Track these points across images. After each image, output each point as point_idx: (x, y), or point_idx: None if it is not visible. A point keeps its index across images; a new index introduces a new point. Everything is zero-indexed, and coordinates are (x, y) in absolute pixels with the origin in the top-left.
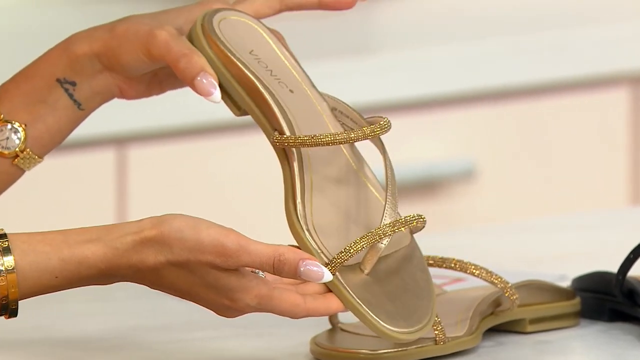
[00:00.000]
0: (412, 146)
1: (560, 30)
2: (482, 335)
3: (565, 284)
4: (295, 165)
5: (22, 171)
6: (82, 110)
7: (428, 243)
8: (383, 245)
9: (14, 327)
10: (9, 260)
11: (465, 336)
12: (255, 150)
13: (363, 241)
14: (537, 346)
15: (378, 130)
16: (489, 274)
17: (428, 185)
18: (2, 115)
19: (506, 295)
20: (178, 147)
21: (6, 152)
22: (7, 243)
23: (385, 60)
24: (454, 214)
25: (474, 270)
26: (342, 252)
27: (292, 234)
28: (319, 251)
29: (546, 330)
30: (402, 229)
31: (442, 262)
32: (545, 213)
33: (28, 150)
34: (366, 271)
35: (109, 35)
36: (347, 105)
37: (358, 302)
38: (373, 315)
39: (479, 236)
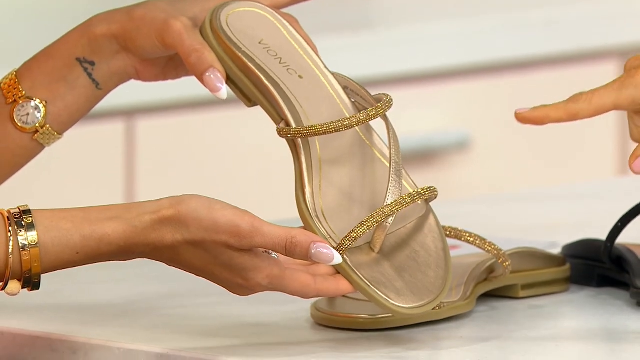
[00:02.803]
0: (408, 118)
1: (551, 7)
2: (476, 300)
3: (556, 251)
4: (302, 153)
5: (42, 146)
6: (100, 89)
7: None
8: (389, 224)
9: (26, 293)
10: (32, 236)
11: (460, 301)
12: (262, 122)
13: (365, 225)
14: (529, 311)
15: (380, 110)
16: (482, 242)
17: (424, 156)
18: (24, 92)
19: (499, 262)
20: (185, 118)
21: (27, 127)
22: (31, 219)
23: (383, 35)
24: (449, 184)
25: (469, 238)
26: (346, 236)
27: (302, 221)
28: (328, 237)
29: (538, 296)
30: (405, 206)
31: None
32: (537, 183)
33: (48, 126)
34: (376, 250)
35: (127, 18)
36: (357, 84)
37: (366, 283)
38: (381, 294)
39: (473, 205)
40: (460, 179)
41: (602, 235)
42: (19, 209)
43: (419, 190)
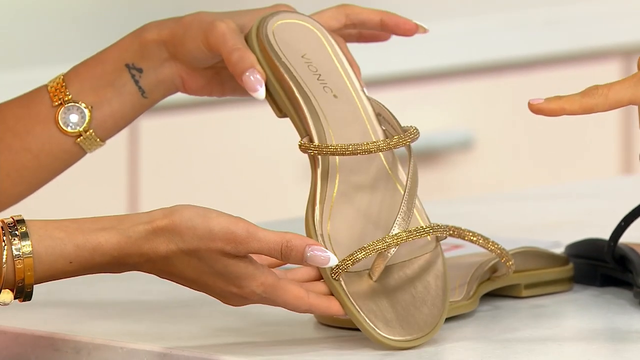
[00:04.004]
0: (412, 117)
1: (554, 6)
2: (479, 300)
3: (559, 250)
4: (319, 172)
5: (84, 152)
6: (146, 98)
7: (427, 211)
8: (390, 254)
9: None
10: (26, 245)
11: (463, 301)
12: (266, 123)
13: (365, 251)
14: (532, 310)
15: (402, 141)
16: (485, 241)
17: (427, 155)
18: (70, 96)
19: (502, 261)
20: (189, 118)
21: (71, 130)
22: (25, 228)
23: None
24: (452, 183)
25: (472, 237)
26: (344, 259)
27: (307, 236)
28: None
29: (541, 295)
30: (410, 240)
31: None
32: (540, 182)
33: (91, 131)
34: (374, 278)
35: (176, 23)
36: (389, 112)
37: (356, 309)
38: (369, 322)
39: (476, 204)
40: (464, 179)
41: (606, 235)
42: (13, 219)
43: (429, 226)
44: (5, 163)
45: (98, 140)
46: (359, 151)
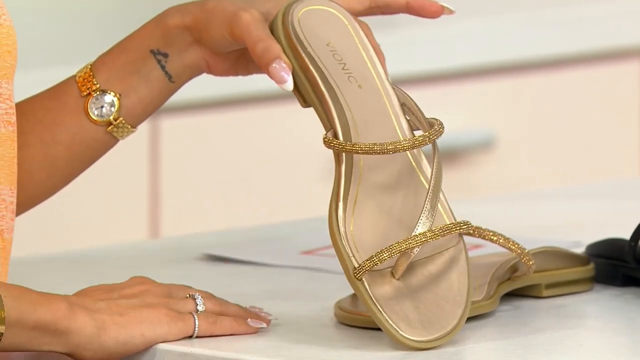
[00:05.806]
0: (433, 117)
1: (575, 5)
2: (499, 299)
3: (580, 250)
4: (343, 168)
5: (116, 140)
6: (173, 82)
7: None
8: (414, 253)
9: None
10: None
11: (483, 300)
12: (287, 122)
13: (388, 252)
14: (553, 310)
15: (427, 138)
16: (506, 241)
17: (448, 155)
18: (98, 85)
19: (523, 261)
20: (210, 118)
21: (101, 120)
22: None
23: (408, 35)
24: (473, 183)
25: (492, 237)
26: (367, 259)
27: (329, 235)
28: (350, 256)
29: (561, 295)
30: (433, 239)
31: None
32: (560, 182)
33: (121, 119)
34: (397, 276)
35: (199, 9)
36: (414, 103)
37: (378, 309)
38: (391, 323)
39: (497, 204)
40: (484, 178)
41: (627, 235)
42: None
43: (453, 224)
44: (38, 156)
45: (129, 127)
46: (384, 151)
